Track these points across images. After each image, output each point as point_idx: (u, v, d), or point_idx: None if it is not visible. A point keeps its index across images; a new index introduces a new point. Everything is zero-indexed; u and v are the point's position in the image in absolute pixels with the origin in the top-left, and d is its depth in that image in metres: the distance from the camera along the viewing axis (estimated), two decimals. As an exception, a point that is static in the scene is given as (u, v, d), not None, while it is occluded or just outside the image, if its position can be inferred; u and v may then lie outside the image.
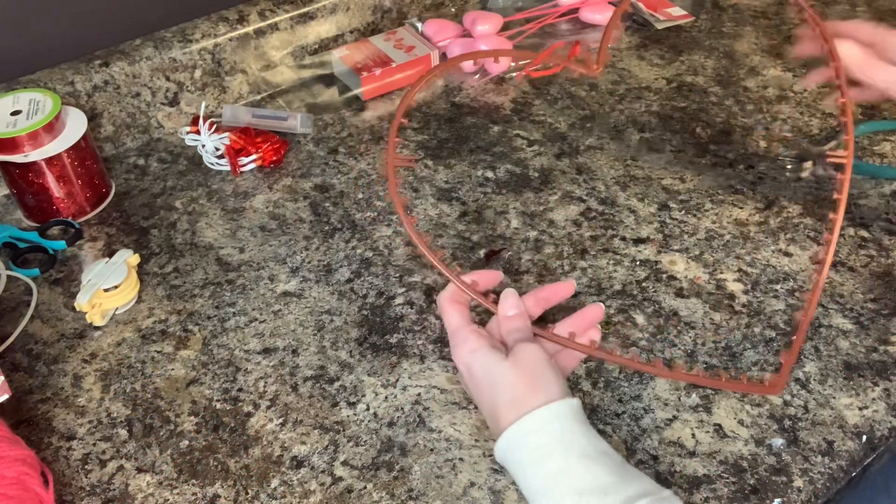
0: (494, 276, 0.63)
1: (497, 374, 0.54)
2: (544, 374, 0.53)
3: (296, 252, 0.74)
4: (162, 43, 0.85)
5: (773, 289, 0.68)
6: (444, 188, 0.80)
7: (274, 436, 0.60)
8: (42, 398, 0.63)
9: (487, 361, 0.55)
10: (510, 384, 0.53)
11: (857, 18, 0.95)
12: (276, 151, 0.83)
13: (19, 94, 0.76)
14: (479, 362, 0.55)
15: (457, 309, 0.59)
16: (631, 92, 0.91)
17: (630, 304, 0.67)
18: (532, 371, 0.54)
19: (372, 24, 0.98)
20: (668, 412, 0.60)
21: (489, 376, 0.54)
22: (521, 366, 0.54)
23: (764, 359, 0.63)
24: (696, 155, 0.82)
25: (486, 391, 0.55)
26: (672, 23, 1.01)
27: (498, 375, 0.54)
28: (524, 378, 0.53)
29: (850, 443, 0.57)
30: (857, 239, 0.72)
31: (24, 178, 0.75)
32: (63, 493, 0.57)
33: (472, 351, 0.56)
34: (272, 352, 0.65)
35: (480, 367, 0.55)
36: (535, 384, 0.53)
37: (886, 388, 0.60)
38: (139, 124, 0.87)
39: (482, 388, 0.55)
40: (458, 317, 0.58)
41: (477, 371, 0.55)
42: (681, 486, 0.55)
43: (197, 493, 0.56)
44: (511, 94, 0.91)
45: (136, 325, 0.68)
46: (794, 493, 0.54)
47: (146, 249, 0.75)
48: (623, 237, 0.74)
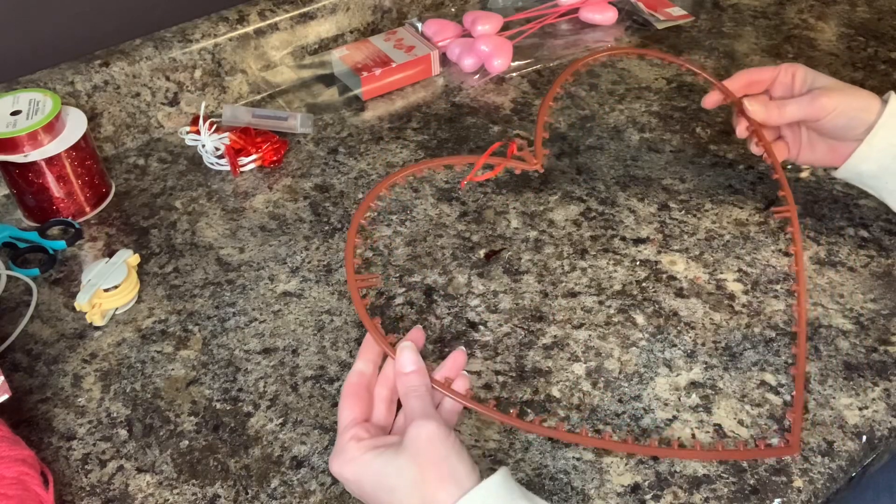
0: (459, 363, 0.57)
1: (393, 476, 0.48)
2: (448, 457, 0.47)
3: (296, 252, 0.74)
4: (162, 43, 0.85)
5: (773, 289, 0.68)
6: (444, 188, 0.80)
7: (274, 436, 0.60)
8: (42, 398, 0.63)
9: (376, 466, 0.48)
10: (412, 482, 0.47)
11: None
12: (276, 151, 0.83)
13: (19, 94, 0.76)
14: (367, 470, 0.49)
15: (350, 404, 0.53)
16: (631, 92, 0.91)
17: (630, 304, 0.67)
18: (434, 458, 0.47)
19: (372, 24, 0.98)
20: (668, 412, 0.60)
21: (384, 481, 0.48)
22: (420, 456, 0.47)
23: (764, 359, 0.63)
24: (696, 155, 0.82)
25: (384, 500, 0.48)
26: (672, 23, 1.01)
27: (395, 477, 0.47)
28: (428, 470, 0.47)
29: (850, 443, 0.57)
30: (857, 239, 0.72)
31: (23, 178, 0.75)
32: (63, 493, 0.57)
33: (351, 460, 0.49)
34: (272, 352, 0.65)
35: (370, 475, 0.49)
36: (441, 473, 0.47)
37: (886, 388, 0.60)
38: (139, 124, 0.87)
39: (379, 496, 0.48)
40: (346, 416, 0.52)
41: (367, 480, 0.49)
42: (681, 487, 0.55)
43: (197, 493, 0.56)
44: (511, 94, 0.91)
45: (136, 325, 0.68)
46: (794, 493, 0.54)
47: (146, 249, 0.75)
48: (623, 237, 0.74)
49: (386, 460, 0.48)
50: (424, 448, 0.48)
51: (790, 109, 0.68)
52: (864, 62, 0.94)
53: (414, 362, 0.54)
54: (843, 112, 0.66)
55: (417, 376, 0.53)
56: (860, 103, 0.66)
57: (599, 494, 0.55)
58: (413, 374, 0.53)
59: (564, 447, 0.58)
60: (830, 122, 0.66)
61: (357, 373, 0.55)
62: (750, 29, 1.00)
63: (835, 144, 0.68)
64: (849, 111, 0.66)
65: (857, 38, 0.98)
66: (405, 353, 0.54)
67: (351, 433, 0.51)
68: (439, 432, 0.48)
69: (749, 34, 0.99)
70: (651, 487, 0.55)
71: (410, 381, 0.53)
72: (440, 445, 0.48)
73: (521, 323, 0.66)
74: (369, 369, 0.56)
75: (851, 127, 0.66)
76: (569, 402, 0.60)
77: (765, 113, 0.70)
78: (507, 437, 0.58)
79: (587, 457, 0.57)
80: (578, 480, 0.56)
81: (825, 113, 0.66)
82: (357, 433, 0.51)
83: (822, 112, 0.66)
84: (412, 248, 0.74)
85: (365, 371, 0.55)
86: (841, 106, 0.66)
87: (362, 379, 0.55)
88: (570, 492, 0.55)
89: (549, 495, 0.55)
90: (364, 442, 0.50)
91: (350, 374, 0.55)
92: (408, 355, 0.54)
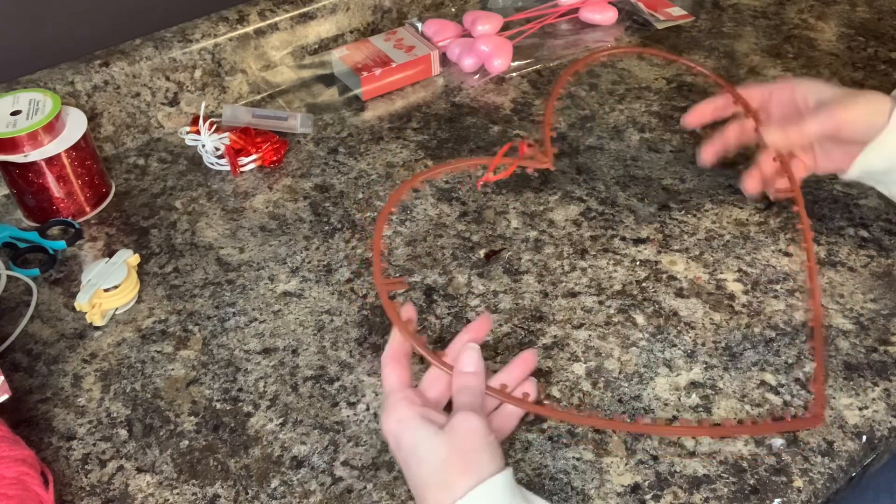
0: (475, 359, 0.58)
1: (427, 451, 0.50)
2: (480, 451, 0.49)
3: (296, 252, 0.74)
4: (162, 43, 0.85)
5: (773, 289, 0.68)
6: (444, 188, 0.80)
7: (274, 436, 0.60)
8: (42, 398, 0.63)
9: (417, 435, 0.50)
10: (440, 462, 0.49)
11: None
12: (276, 151, 0.83)
13: (19, 94, 0.76)
14: (408, 434, 0.51)
15: (395, 369, 0.55)
16: (631, 92, 0.91)
17: (630, 304, 0.67)
18: (466, 448, 0.49)
19: (372, 24, 0.98)
20: (668, 412, 0.60)
21: (418, 452, 0.50)
22: (455, 442, 0.49)
23: (764, 359, 0.63)
24: (696, 155, 0.82)
25: (413, 468, 0.50)
26: (672, 23, 1.01)
27: (428, 452, 0.50)
28: (457, 457, 0.49)
29: (850, 443, 0.57)
30: (857, 239, 0.72)
31: (24, 178, 0.75)
32: (63, 493, 0.57)
33: (399, 420, 0.52)
34: (272, 352, 0.65)
35: (409, 441, 0.51)
36: (468, 463, 0.48)
37: (886, 388, 0.60)
38: (139, 124, 0.87)
39: (409, 463, 0.51)
40: (394, 378, 0.54)
41: (405, 444, 0.51)
42: (681, 487, 0.55)
43: (197, 493, 0.56)
44: (511, 94, 0.91)
45: (136, 325, 0.68)
46: (794, 493, 0.54)
47: (146, 249, 0.75)
48: (623, 237, 0.74)
49: (427, 434, 0.50)
50: (462, 436, 0.50)
51: (810, 128, 0.66)
52: (864, 62, 0.94)
53: (475, 364, 0.55)
54: (859, 120, 0.65)
55: (474, 378, 0.55)
56: (873, 107, 0.65)
57: (599, 494, 0.55)
58: (471, 375, 0.55)
59: (564, 447, 0.58)
60: (849, 132, 0.65)
61: (398, 342, 0.57)
62: (750, 29, 1.00)
63: (851, 149, 0.67)
64: (865, 117, 0.65)
65: (857, 38, 0.98)
66: (468, 353, 0.56)
67: (403, 394, 0.53)
68: (480, 427, 0.50)
69: (749, 34, 0.99)
70: (651, 487, 0.55)
71: (467, 380, 0.55)
72: (476, 439, 0.50)
73: (521, 323, 0.66)
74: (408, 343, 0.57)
75: (868, 132, 0.65)
76: (569, 402, 0.60)
77: (785, 138, 0.67)
78: (508, 437, 0.58)
79: (587, 457, 0.57)
80: (578, 480, 0.56)
81: (845, 125, 0.65)
82: (410, 395, 0.53)
83: (842, 125, 0.65)
84: (412, 248, 0.74)
85: (404, 342, 0.57)
86: (857, 114, 0.65)
87: (403, 348, 0.56)
88: (570, 492, 0.55)
89: (549, 495, 0.55)
90: (416, 407, 0.52)
91: (390, 343, 0.56)
92: (470, 355, 0.56)
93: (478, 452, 0.49)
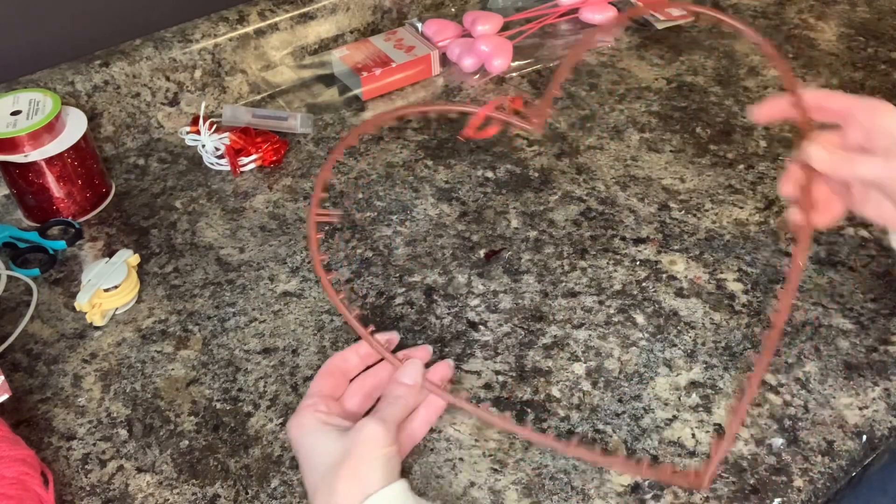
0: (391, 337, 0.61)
1: (320, 455, 0.50)
2: (372, 461, 0.49)
3: (296, 252, 0.74)
4: (162, 43, 0.85)
5: (773, 289, 0.68)
6: (444, 188, 0.80)
7: (274, 436, 0.60)
8: (42, 398, 0.63)
9: (314, 440, 0.51)
10: (329, 468, 0.49)
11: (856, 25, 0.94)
12: (276, 151, 0.83)
13: (19, 94, 0.76)
14: (306, 440, 0.52)
15: (323, 379, 0.57)
16: (631, 92, 0.91)
17: (630, 304, 0.67)
18: (360, 454, 0.49)
19: (372, 24, 0.98)
20: (668, 412, 0.60)
21: (312, 456, 0.51)
22: (350, 448, 0.49)
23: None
24: (696, 155, 0.82)
25: (306, 472, 0.51)
26: (672, 23, 1.01)
27: (321, 456, 0.50)
28: (347, 463, 0.48)
29: (850, 443, 0.57)
30: (857, 239, 0.72)
31: (24, 178, 0.75)
32: (63, 493, 0.57)
33: (299, 426, 0.53)
34: (272, 352, 0.65)
35: (306, 446, 0.52)
36: (356, 472, 0.48)
37: (886, 388, 0.60)
38: (139, 124, 0.87)
39: (304, 468, 0.52)
40: (315, 387, 0.56)
41: (303, 449, 0.52)
42: (681, 486, 0.55)
43: (197, 493, 0.56)
44: (511, 95, 0.91)
45: (136, 325, 0.68)
46: (794, 492, 0.54)
47: (146, 249, 0.75)
48: (623, 237, 0.74)
49: (324, 438, 0.51)
50: (360, 443, 0.49)
51: (862, 169, 0.53)
52: (864, 62, 0.94)
53: (415, 379, 0.56)
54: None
55: (408, 390, 0.55)
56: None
57: (599, 494, 0.55)
58: (406, 386, 0.56)
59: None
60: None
61: (342, 357, 0.58)
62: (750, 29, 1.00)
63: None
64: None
65: (857, 38, 0.98)
66: (412, 366, 0.57)
67: (311, 402, 0.54)
68: (380, 437, 0.50)
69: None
70: (651, 487, 0.55)
71: (401, 391, 0.55)
72: (374, 448, 0.49)
73: (521, 323, 0.66)
74: (353, 362, 0.59)
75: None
76: (569, 402, 0.60)
77: (829, 162, 0.54)
78: (508, 437, 0.58)
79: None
80: (578, 480, 0.56)
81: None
82: (315, 403, 0.54)
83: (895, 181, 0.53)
84: (412, 248, 0.74)
85: (350, 360, 0.59)
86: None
87: (343, 364, 0.58)
88: (570, 492, 0.55)
89: (550, 495, 0.55)
90: (319, 415, 0.53)
91: (335, 356, 0.59)
92: (413, 370, 0.56)
93: (370, 462, 0.49)
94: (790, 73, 0.58)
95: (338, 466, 0.48)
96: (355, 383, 0.59)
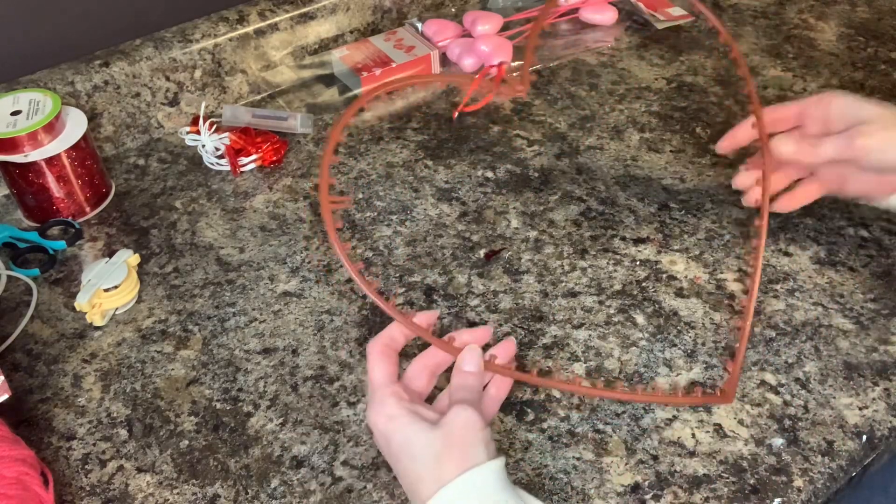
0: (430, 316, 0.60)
1: (420, 447, 0.50)
2: (475, 444, 0.49)
3: (296, 252, 0.74)
4: (162, 43, 0.85)
5: (773, 289, 0.68)
6: (444, 188, 0.80)
7: (274, 436, 0.60)
8: (42, 398, 0.63)
9: (409, 432, 0.51)
10: (434, 457, 0.49)
11: (856, 13, 0.94)
12: (276, 151, 0.83)
13: (19, 94, 0.76)
14: (400, 433, 0.51)
15: (383, 362, 0.55)
16: (631, 92, 0.91)
17: (630, 304, 0.67)
18: (463, 441, 0.49)
19: (372, 24, 0.98)
20: (668, 412, 0.60)
21: (411, 448, 0.50)
22: (451, 436, 0.50)
23: (764, 359, 0.63)
24: (695, 155, 0.82)
25: (405, 462, 0.51)
26: (672, 23, 1.01)
27: (422, 448, 0.50)
28: (452, 450, 0.49)
29: (850, 443, 0.57)
30: (857, 239, 0.72)
31: (24, 178, 0.75)
32: (63, 493, 0.57)
33: (390, 417, 0.52)
34: (272, 352, 0.65)
35: (401, 438, 0.51)
36: (464, 455, 0.49)
37: (886, 388, 0.60)
38: (139, 124, 0.87)
39: (400, 458, 0.51)
40: (382, 372, 0.55)
41: (395, 441, 0.51)
42: (681, 486, 0.55)
43: (197, 493, 0.56)
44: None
45: (136, 325, 0.68)
46: (793, 492, 0.54)
47: (146, 249, 0.75)
48: (623, 237, 0.74)
49: (420, 430, 0.51)
50: (459, 430, 0.50)
51: (825, 149, 0.61)
52: (864, 62, 0.94)
53: (477, 365, 0.56)
54: (883, 148, 0.60)
55: (475, 378, 0.56)
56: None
57: (599, 494, 0.55)
58: (472, 374, 0.56)
59: (564, 447, 0.58)
60: (874, 160, 0.60)
61: (388, 335, 0.57)
62: (750, 29, 1.00)
63: (882, 176, 0.63)
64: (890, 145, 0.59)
65: (857, 38, 0.98)
66: (471, 353, 0.57)
67: (392, 389, 0.53)
68: (476, 421, 0.51)
69: (749, 34, 0.99)
70: (651, 487, 0.55)
71: (467, 379, 0.55)
72: (472, 433, 0.50)
73: (521, 323, 0.66)
74: (401, 341, 0.58)
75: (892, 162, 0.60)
76: (569, 402, 0.60)
77: (796, 150, 0.62)
78: (508, 437, 0.58)
79: (587, 457, 0.57)
80: (578, 480, 0.56)
81: (865, 154, 0.60)
82: (398, 391, 0.54)
83: (861, 153, 0.60)
84: (412, 248, 0.74)
85: (396, 338, 0.58)
86: (880, 142, 0.59)
87: (392, 343, 0.57)
88: (570, 492, 0.55)
89: (549, 495, 0.55)
90: (405, 403, 0.53)
91: (380, 335, 0.57)
92: (473, 357, 0.56)
93: (473, 446, 0.49)
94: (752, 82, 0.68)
95: (441, 455, 0.49)
96: (417, 364, 0.58)
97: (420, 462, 0.50)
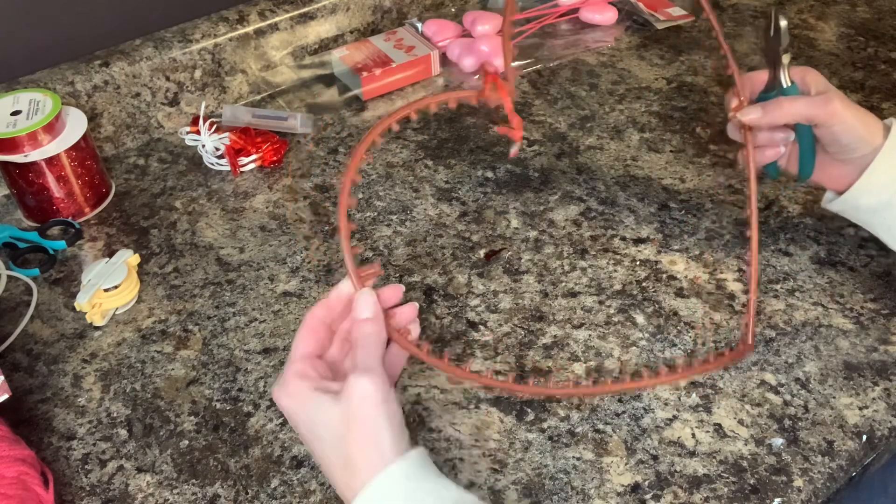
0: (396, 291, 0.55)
1: (322, 427, 0.48)
2: (376, 421, 0.47)
3: (296, 252, 0.74)
4: (162, 43, 0.85)
5: (773, 289, 0.68)
6: (444, 188, 0.80)
7: (274, 436, 0.60)
8: (42, 398, 0.63)
9: (310, 410, 0.48)
10: (338, 440, 0.47)
11: (858, 7, 0.94)
12: (276, 151, 0.83)
13: (19, 94, 0.76)
14: (302, 411, 0.49)
15: (307, 336, 0.52)
16: (631, 92, 0.91)
17: (630, 304, 0.67)
18: (362, 419, 0.47)
19: (372, 24, 0.98)
20: (668, 412, 0.60)
21: (315, 428, 0.48)
22: (350, 413, 0.47)
23: (764, 359, 0.63)
24: (696, 155, 0.82)
25: (314, 445, 0.49)
26: (672, 23, 1.01)
27: (322, 428, 0.48)
28: (353, 431, 0.46)
29: (850, 443, 0.57)
30: (857, 239, 0.72)
31: (24, 178, 0.75)
32: (63, 493, 0.57)
33: (290, 395, 0.49)
34: (272, 352, 0.65)
35: (305, 417, 0.49)
36: (366, 438, 0.46)
37: (886, 388, 0.60)
38: (139, 124, 0.87)
39: (310, 441, 0.49)
40: (301, 346, 0.51)
41: (302, 421, 0.49)
42: (681, 486, 0.55)
43: (197, 493, 0.56)
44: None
45: (136, 325, 0.68)
46: (794, 492, 0.54)
47: (146, 249, 0.75)
48: (623, 237, 0.74)
49: (320, 407, 0.48)
50: (356, 407, 0.47)
51: (798, 106, 0.62)
52: (864, 62, 0.94)
53: (371, 309, 0.52)
54: (851, 127, 0.61)
55: (372, 325, 0.51)
56: (868, 123, 0.62)
57: (599, 494, 0.55)
58: (368, 321, 0.51)
59: (564, 447, 0.58)
60: (838, 130, 0.61)
61: (323, 305, 0.53)
62: (750, 29, 1.00)
63: (832, 165, 0.64)
64: (858, 127, 0.61)
65: (857, 38, 0.98)
66: (363, 299, 0.52)
67: (297, 367, 0.50)
68: (374, 393, 0.47)
69: (749, 34, 0.99)
70: (651, 487, 0.55)
71: (365, 328, 0.51)
72: (371, 407, 0.47)
73: (521, 323, 0.66)
74: (338, 309, 0.54)
75: (854, 148, 0.62)
76: (569, 402, 0.60)
77: (762, 116, 0.63)
78: (507, 437, 0.58)
79: (587, 456, 0.57)
80: (578, 480, 0.56)
81: (836, 119, 0.61)
82: (303, 369, 0.50)
83: (833, 117, 0.61)
84: (412, 248, 0.74)
85: (334, 307, 0.54)
86: (851, 120, 0.61)
87: (327, 314, 0.53)
88: (570, 492, 0.55)
89: (549, 495, 0.55)
90: (307, 381, 0.49)
91: (316, 305, 0.53)
92: (366, 300, 0.52)
93: (374, 422, 0.47)
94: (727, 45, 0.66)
95: (344, 436, 0.47)
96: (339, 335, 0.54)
97: (326, 444, 0.48)
